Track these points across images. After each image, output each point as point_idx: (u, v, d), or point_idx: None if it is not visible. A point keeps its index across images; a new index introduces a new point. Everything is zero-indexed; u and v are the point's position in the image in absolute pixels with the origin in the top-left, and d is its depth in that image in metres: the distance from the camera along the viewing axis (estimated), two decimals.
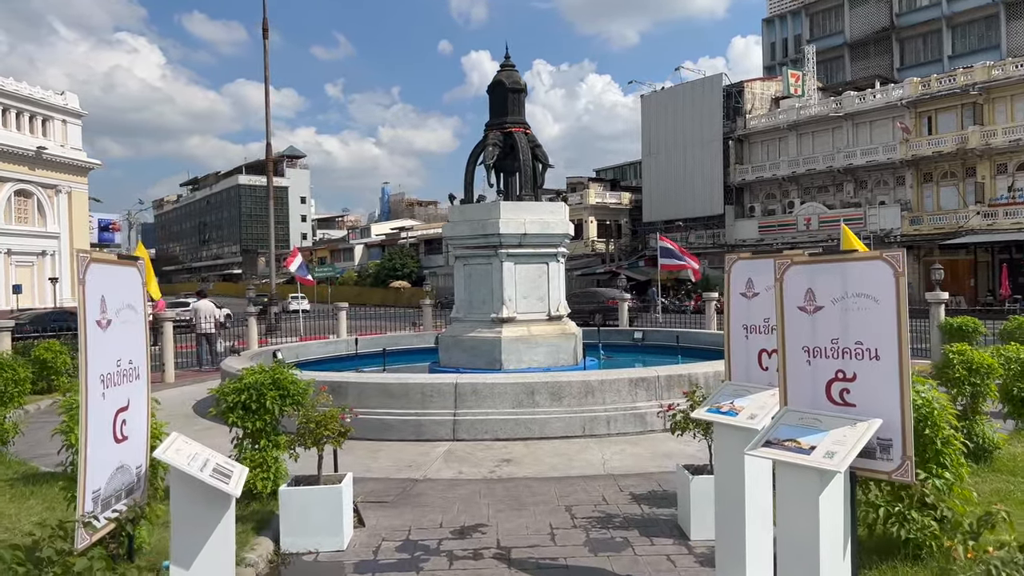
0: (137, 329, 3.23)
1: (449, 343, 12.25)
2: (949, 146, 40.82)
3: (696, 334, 15.43)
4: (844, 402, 3.56)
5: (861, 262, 3.50)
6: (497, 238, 11.67)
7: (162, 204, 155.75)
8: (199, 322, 18.45)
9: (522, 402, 8.90)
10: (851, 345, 3.53)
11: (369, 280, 74.97)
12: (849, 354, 3.54)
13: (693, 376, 9.41)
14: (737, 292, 4.75)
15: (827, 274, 3.63)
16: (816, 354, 3.67)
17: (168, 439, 3.33)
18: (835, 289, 3.59)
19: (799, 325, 3.74)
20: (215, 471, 3.31)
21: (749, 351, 4.68)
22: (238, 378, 6.39)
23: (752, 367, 4.65)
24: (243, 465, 6.23)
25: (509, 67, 12.98)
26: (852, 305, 3.52)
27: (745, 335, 4.70)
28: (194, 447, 3.37)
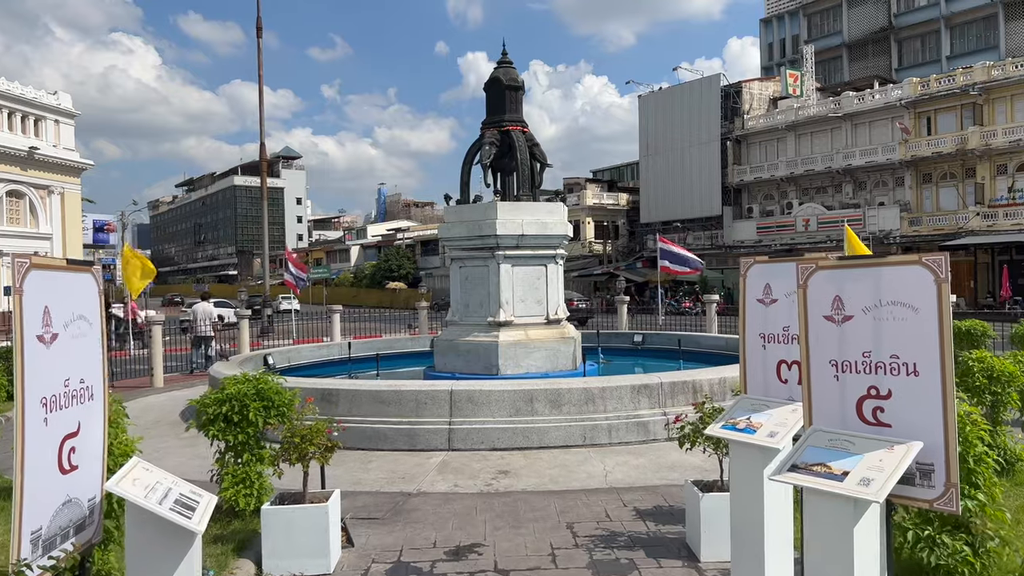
0: (91, 343, 2.86)
1: (444, 347, 11.91)
2: (949, 147, 40.57)
3: (697, 338, 15.11)
4: (878, 422, 3.22)
5: (897, 267, 3.16)
6: (494, 239, 11.34)
7: (158, 205, 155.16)
8: (196, 324, 18.26)
9: (520, 410, 8.56)
10: (885, 359, 3.19)
11: (365, 281, 74.60)
12: (883, 369, 3.20)
13: (697, 383, 9.08)
14: (753, 298, 4.41)
15: (858, 280, 3.29)
16: (845, 368, 3.33)
17: (126, 466, 2.97)
18: (867, 297, 3.25)
19: (825, 336, 3.41)
20: (177, 503, 2.95)
21: (766, 362, 4.34)
22: (219, 388, 6.04)
23: (770, 380, 4.32)
24: (225, 480, 5.94)
25: (506, 64, 12.64)
26: (886, 315, 3.18)
27: (762, 345, 4.36)
28: (156, 475, 3.02)
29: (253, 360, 13.01)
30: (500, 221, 11.29)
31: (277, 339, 26.20)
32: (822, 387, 3.42)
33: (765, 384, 4.33)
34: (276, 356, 13.65)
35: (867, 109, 45.03)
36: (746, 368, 4.47)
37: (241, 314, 17.54)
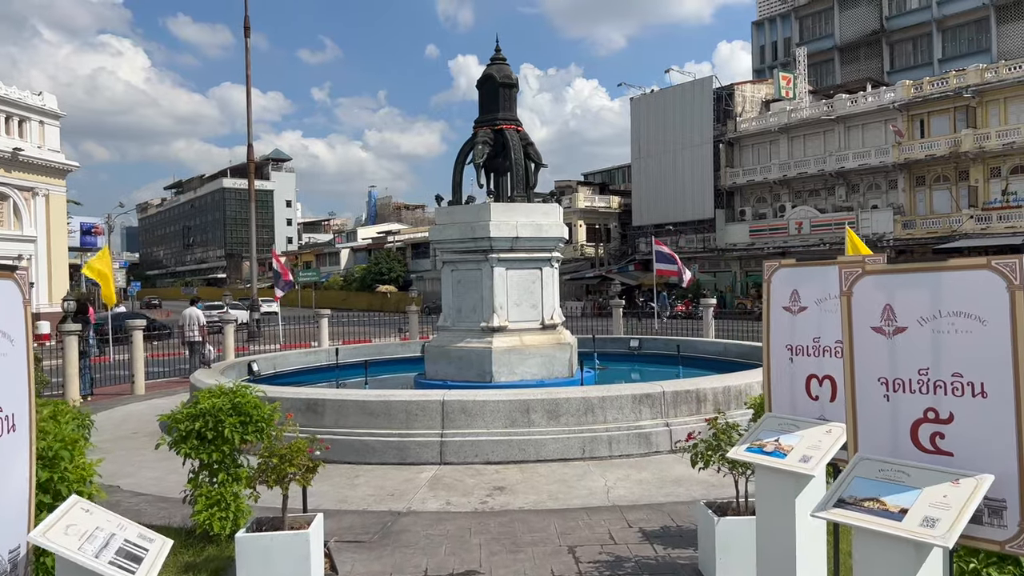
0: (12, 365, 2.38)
1: (436, 354, 11.46)
2: (942, 149, 40.39)
3: (695, 342, 14.72)
4: (937, 449, 2.81)
5: (960, 272, 2.75)
6: (487, 242, 10.91)
7: (146, 208, 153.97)
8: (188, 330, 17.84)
9: (516, 421, 8.13)
10: (946, 377, 2.78)
11: (355, 285, 74.00)
12: (943, 388, 2.78)
13: (701, 392, 8.67)
14: (779, 305, 3.99)
15: (913, 287, 2.87)
16: (897, 387, 2.92)
17: (60, 509, 2.51)
18: (923, 306, 2.84)
19: (874, 351, 2.99)
20: (121, 553, 2.49)
21: (794, 377, 3.92)
22: (192, 403, 5.58)
23: (798, 396, 3.90)
24: (199, 502, 5.47)
25: (500, 60, 12.22)
26: (947, 326, 2.77)
27: (789, 357, 3.94)
28: (97, 517, 2.56)
29: (237, 367, 12.54)
30: (494, 223, 10.87)
31: (265, 344, 25.71)
32: (869, 408, 3.00)
33: (793, 401, 3.91)
34: (261, 363, 13.18)
35: (860, 111, 44.84)
36: (771, 383, 4.05)
37: (227, 318, 17.02)
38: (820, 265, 3.80)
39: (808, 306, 3.84)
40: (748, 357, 12.95)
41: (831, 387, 3.72)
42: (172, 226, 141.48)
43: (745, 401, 5.97)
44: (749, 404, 5.58)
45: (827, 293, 3.72)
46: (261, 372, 12.77)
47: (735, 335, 21.66)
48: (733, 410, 8.81)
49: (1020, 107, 38.62)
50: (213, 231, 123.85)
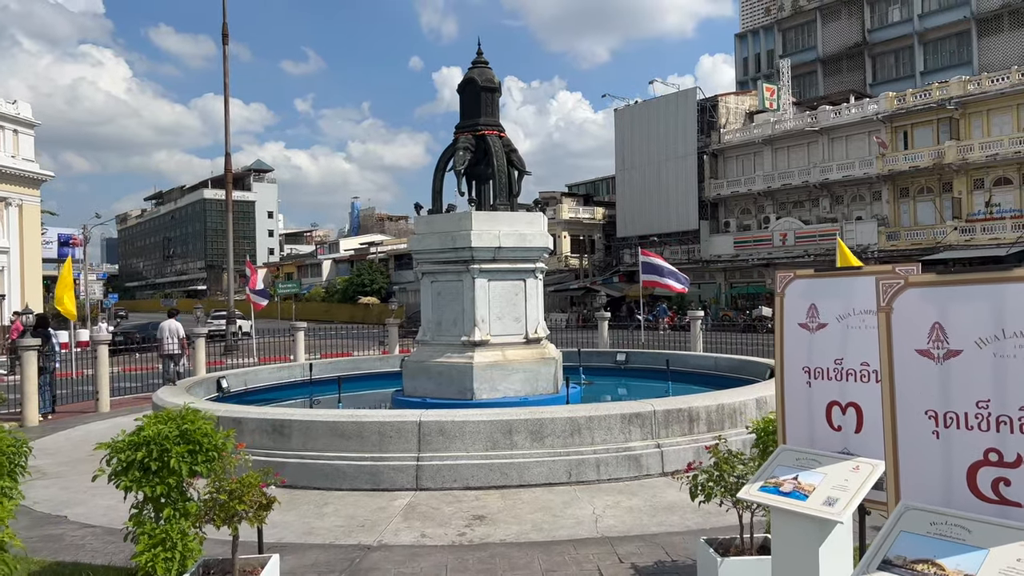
0: None
1: (415, 369, 10.92)
2: (925, 161, 40.39)
3: (684, 356, 14.26)
4: (1001, 499, 2.33)
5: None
6: (469, 252, 10.40)
7: (126, 219, 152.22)
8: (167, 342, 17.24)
9: (497, 443, 7.60)
10: (1012, 412, 2.30)
11: (337, 296, 73.23)
12: (1009, 425, 2.31)
13: (694, 411, 8.18)
14: (794, 322, 3.50)
15: (970, 302, 2.39)
16: (950, 423, 2.44)
17: None
18: (982, 325, 2.36)
19: (921, 378, 2.51)
20: None
21: (812, 404, 3.43)
22: (135, 430, 5.01)
23: (817, 426, 3.41)
24: (140, 541, 4.89)
25: (481, 64, 11.75)
26: (1013, 350, 2.29)
27: (806, 381, 3.45)
28: None
29: (205, 383, 11.93)
30: (475, 232, 10.37)
31: (242, 358, 25.02)
32: (915, 447, 2.52)
33: (811, 431, 3.42)
34: (232, 379, 12.57)
35: (844, 123, 44.85)
36: (785, 410, 3.55)
37: (197, 332, 16.38)
38: (844, 276, 3.32)
39: (828, 323, 3.35)
40: (739, 372, 12.50)
41: (856, 416, 3.24)
42: (152, 237, 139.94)
43: (747, 425, 5.48)
44: (752, 428, 5.09)
45: (851, 308, 3.25)
46: (231, 389, 12.16)
47: (722, 348, 21.25)
48: (727, 429, 8.34)
49: (1003, 119, 38.69)
50: (194, 242, 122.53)
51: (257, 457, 7.95)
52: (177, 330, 17.31)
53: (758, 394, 8.78)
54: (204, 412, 5.28)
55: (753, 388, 9.12)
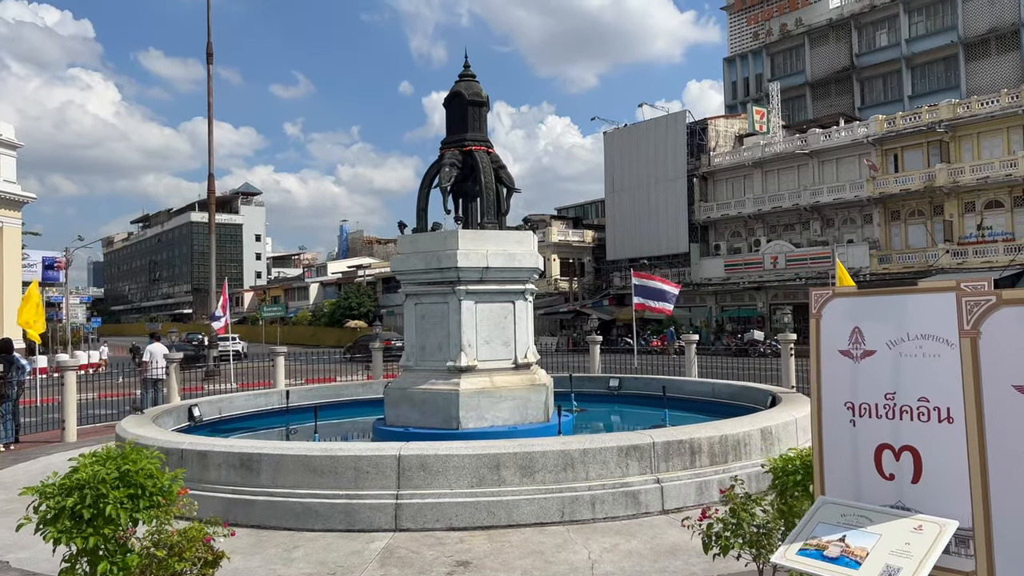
0: None
1: (397, 397, 10.29)
2: (916, 184, 40.27)
3: (680, 383, 13.69)
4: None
5: None
6: (455, 272, 9.84)
7: (111, 242, 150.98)
8: (153, 366, 16.71)
9: (484, 479, 6.99)
10: None
11: (324, 320, 72.44)
12: None
13: (696, 442, 7.60)
14: (834, 349, 2.95)
15: None
16: None
17: None
18: None
19: (1017, 415, 1.95)
20: None
21: (858, 447, 2.87)
22: (68, 471, 4.39)
23: (864, 473, 2.84)
24: None
25: (469, 77, 11.27)
26: None
27: (850, 419, 2.89)
28: None
29: (176, 412, 11.26)
30: (462, 252, 9.82)
31: (223, 383, 24.28)
32: (1011, 504, 1.96)
33: (857, 480, 2.86)
34: (205, 406, 11.90)
35: (834, 146, 44.78)
36: (823, 454, 2.99)
37: (171, 357, 15.70)
38: (895, 294, 2.78)
39: (877, 350, 2.81)
40: (739, 399, 11.94)
41: (913, 462, 2.68)
42: (138, 260, 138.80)
43: (762, 464, 4.91)
44: (768, 467, 4.52)
45: (905, 332, 2.70)
46: (203, 417, 11.50)
47: (716, 372, 20.72)
48: (731, 462, 7.78)
49: (993, 142, 38.66)
50: (180, 266, 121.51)
51: (223, 495, 7.35)
52: (163, 354, 16.74)
53: (763, 424, 8.22)
54: (151, 450, 4.66)
55: (757, 418, 8.56)
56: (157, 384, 16.75)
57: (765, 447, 8.14)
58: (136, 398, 14.52)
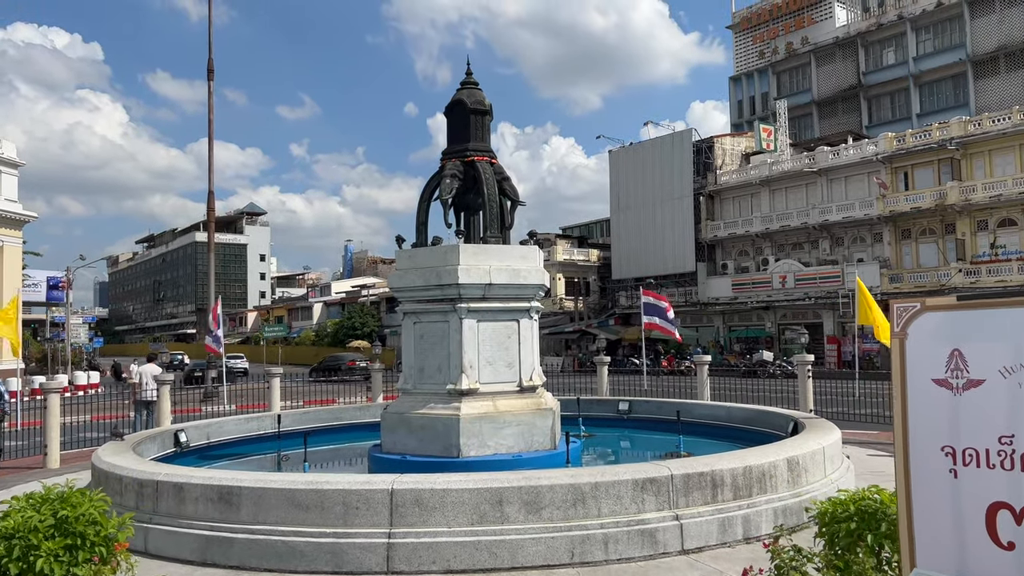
0: None
1: (394, 422, 9.65)
2: (927, 202, 39.66)
3: (692, 406, 13.01)
4: None
5: None
6: (455, 289, 9.23)
7: (116, 261, 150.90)
8: (144, 387, 16.21)
9: (485, 516, 6.34)
10: None
11: (327, 340, 71.82)
12: None
13: (718, 474, 6.95)
14: (925, 377, 2.33)
15: None
16: None
17: None
18: None
19: None
20: None
21: (962, 505, 2.24)
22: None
23: (972, 541, 2.21)
24: None
25: (471, 85, 10.73)
26: None
27: (949, 469, 2.27)
28: None
29: (161, 438, 10.64)
30: (463, 267, 9.21)
31: (222, 404, 23.67)
32: None
33: (962, 549, 2.23)
34: (192, 432, 11.28)
35: (843, 164, 44.23)
36: (912, 512, 2.35)
37: (161, 379, 15.09)
38: (1012, 305, 2.16)
39: (986, 378, 2.19)
40: (756, 424, 11.28)
41: None
42: (142, 280, 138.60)
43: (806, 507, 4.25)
44: (813, 513, 3.88)
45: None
46: (190, 443, 10.87)
47: (727, 395, 20.05)
48: (756, 495, 7.12)
49: (1005, 159, 38.08)
50: (184, 285, 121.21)
51: (200, 531, 6.70)
52: (155, 375, 16.20)
53: (789, 453, 7.56)
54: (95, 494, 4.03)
55: (783, 446, 7.90)
56: (150, 406, 16.21)
57: (792, 479, 7.49)
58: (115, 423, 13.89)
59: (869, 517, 3.53)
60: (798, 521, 7.32)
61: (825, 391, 18.28)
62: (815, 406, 14.74)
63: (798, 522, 7.32)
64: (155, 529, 6.92)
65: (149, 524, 6.97)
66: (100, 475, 8.06)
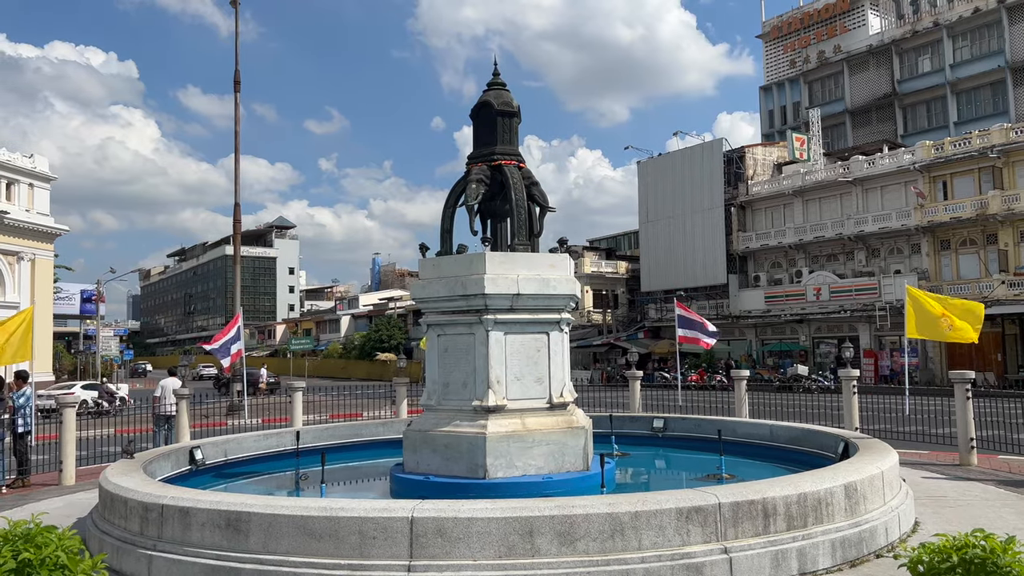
0: None
1: (417, 440, 9.13)
2: (968, 211, 38.50)
3: (732, 424, 12.30)
4: None
5: None
6: (482, 299, 8.71)
7: (148, 275, 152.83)
8: (164, 402, 15.95)
9: (514, 547, 5.77)
10: None
11: (355, 353, 71.73)
12: None
13: (769, 502, 6.31)
14: None
15: None
16: None
17: None
18: None
19: None
20: None
21: None
22: None
23: None
24: None
25: (498, 86, 10.25)
26: None
27: None
28: None
29: (175, 455, 10.19)
30: (489, 277, 8.69)
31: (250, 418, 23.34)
32: None
33: None
34: (209, 448, 10.83)
35: (878, 173, 43.19)
36: None
37: (180, 393, 14.72)
38: None
39: None
40: (801, 444, 10.58)
41: None
42: (173, 294, 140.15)
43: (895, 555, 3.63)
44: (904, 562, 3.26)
45: None
46: (206, 461, 10.43)
47: (764, 411, 19.28)
48: (811, 526, 6.48)
49: None
50: (215, 298, 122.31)
51: (207, 560, 6.21)
52: (173, 389, 15.89)
53: (846, 479, 6.90)
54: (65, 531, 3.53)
55: (839, 471, 7.23)
56: (170, 421, 15.91)
57: (849, 507, 6.82)
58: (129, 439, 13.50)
59: (977, 570, 2.93)
60: (857, 554, 6.68)
61: (867, 407, 17.48)
62: (861, 424, 13.97)
63: (857, 555, 6.68)
64: (159, 557, 6.44)
65: (153, 551, 6.51)
66: (106, 497, 7.63)
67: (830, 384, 34.28)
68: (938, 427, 15.56)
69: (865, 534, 6.79)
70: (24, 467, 12.74)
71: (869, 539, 6.80)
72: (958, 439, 12.53)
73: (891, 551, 6.74)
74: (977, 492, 9.93)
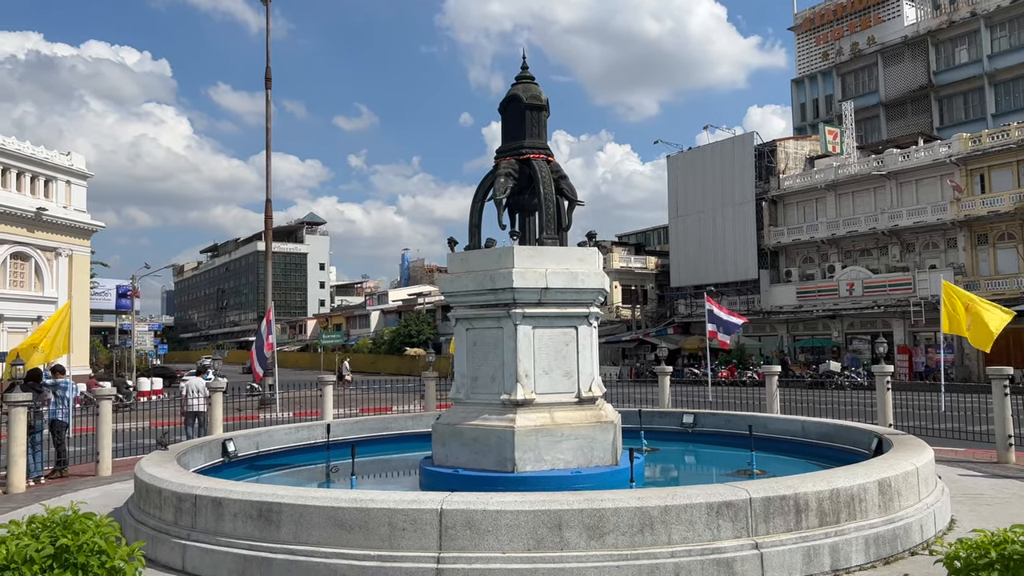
0: None
1: (446, 433, 9.16)
2: (1006, 205, 37.69)
3: (764, 419, 12.17)
4: None
5: None
6: (510, 294, 8.71)
7: (181, 271, 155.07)
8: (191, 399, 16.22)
9: (543, 540, 5.77)
10: None
11: (384, 347, 72.19)
12: None
13: (800, 497, 6.24)
14: None
15: None
16: None
17: None
18: None
19: None
20: None
21: None
22: None
23: None
24: None
25: (527, 79, 10.22)
26: None
27: None
28: None
29: (208, 447, 10.34)
30: (518, 271, 8.68)
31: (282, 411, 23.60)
32: None
33: None
34: (241, 441, 10.97)
35: (913, 167, 42.43)
36: None
37: (214, 387, 14.92)
38: None
39: None
40: (833, 440, 10.46)
41: None
42: (206, 289, 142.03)
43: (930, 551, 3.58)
44: (940, 558, 3.20)
45: None
46: (238, 453, 10.57)
47: (796, 407, 19.07)
48: (844, 522, 6.40)
49: None
50: (247, 294, 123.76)
51: (239, 551, 6.29)
52: (200, 387, 16.14)
53: (880, 475, 6.80)
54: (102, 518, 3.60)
55: (872, 466, 7.13)
56: (199, 416, 16.17)
57: (883, 503, 6.73)
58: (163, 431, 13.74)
59: (1017, 566, 2.87)
60: (891, 551, 6.58)
61: (901, 404, 17.20)
62: (894, 420, 13.76)
63: (891, 552, 6.59)
64: (192, 546, 6.55)
65: (187, 541, 6.61)
66: (141, 487, 7.76)
67: (863, 380, 33.84)
68: (975, 424, 15.28)
69: (899, 531, 6.68)
70: (62, 458, 13.01)
71: (904, 536, 6.70)
72: (996, 436, 12.29)
73: (926, 548, 6.64)
74: (1016, 490, 9.73)
